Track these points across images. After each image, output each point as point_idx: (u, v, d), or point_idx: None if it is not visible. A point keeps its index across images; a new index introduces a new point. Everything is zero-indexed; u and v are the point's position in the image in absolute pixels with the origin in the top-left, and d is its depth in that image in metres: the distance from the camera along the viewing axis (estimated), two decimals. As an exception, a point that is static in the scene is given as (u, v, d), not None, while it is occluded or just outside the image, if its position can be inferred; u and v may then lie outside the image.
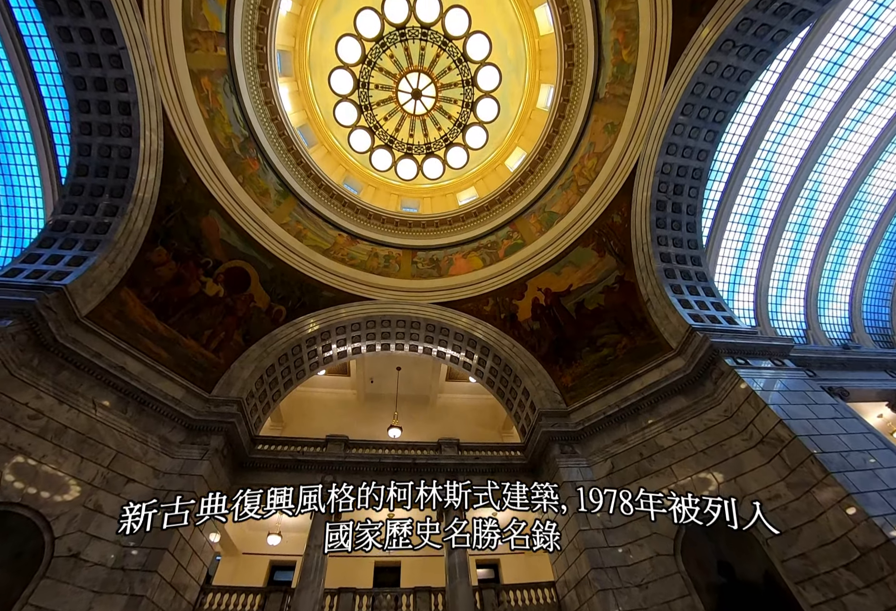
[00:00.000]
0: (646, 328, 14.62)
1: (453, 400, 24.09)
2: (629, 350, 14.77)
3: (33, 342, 10.14)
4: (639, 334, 14.79)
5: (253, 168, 16.34)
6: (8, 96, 14.83)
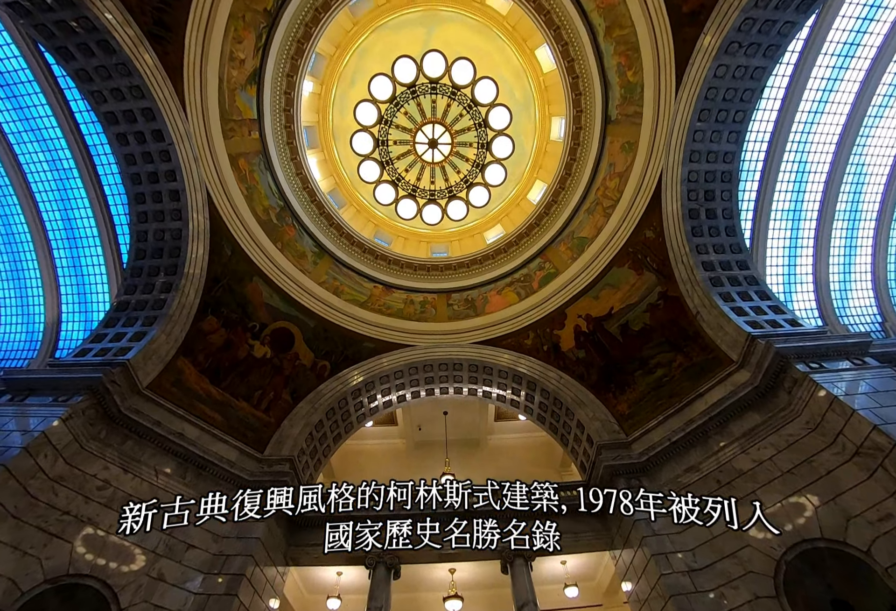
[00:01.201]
0: (700, 342, 13.74)
1: (505, 440, 23.18)
2: (686, 368, 13.84)
3: (101, 415, 10.83)
4: (693, 350, 13.90)
5: (290, 234, 17.48)
6: (77, 199, 17.15)
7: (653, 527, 11.21)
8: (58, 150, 16.78)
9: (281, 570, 12.75)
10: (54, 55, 12.22)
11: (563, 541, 12.88)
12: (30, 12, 11.13)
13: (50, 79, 15.76)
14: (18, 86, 15.86)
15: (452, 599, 13.12)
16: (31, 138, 16.84)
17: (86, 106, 16.01)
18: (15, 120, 16.69)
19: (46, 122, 16.30)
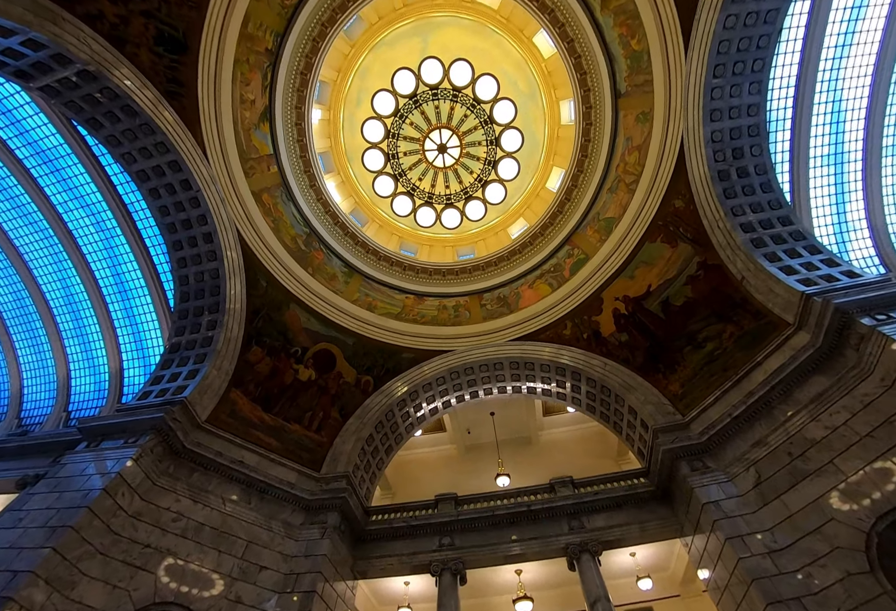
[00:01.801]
0: (750, 309, 12.91)
1: (556, 435, 22.63)
2: (738, 338, 13.01)
3: (167, 452, 11.61)
4: (743, 318, 13.06)
5: (319, 258, 18.08)
6: (122, 254, 18.69)
7: (723, 509, 10.57)
8: (100, 212, 18.41)
9: (350, 584, 13.07)
10: (85, 126, 13.30)
11: (629, 531, 12.53)
12: (59, 92, 12.23)
13: (85, 148, 17.30)
14: (59, 159, 17.57)
15: (522, 600, 12.95)
16: (76, 205, 18.59)
17: (119, 168, 17.50)
18: (61, 191, 18.49)
19: (88, 188, 17.94)
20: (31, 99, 16.48)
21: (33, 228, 19.99)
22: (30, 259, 21.70)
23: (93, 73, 11.64)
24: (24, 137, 17.50)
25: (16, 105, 16.77)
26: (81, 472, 10.40)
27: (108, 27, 11.57)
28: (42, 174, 18.32)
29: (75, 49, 10.88)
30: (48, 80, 11.73)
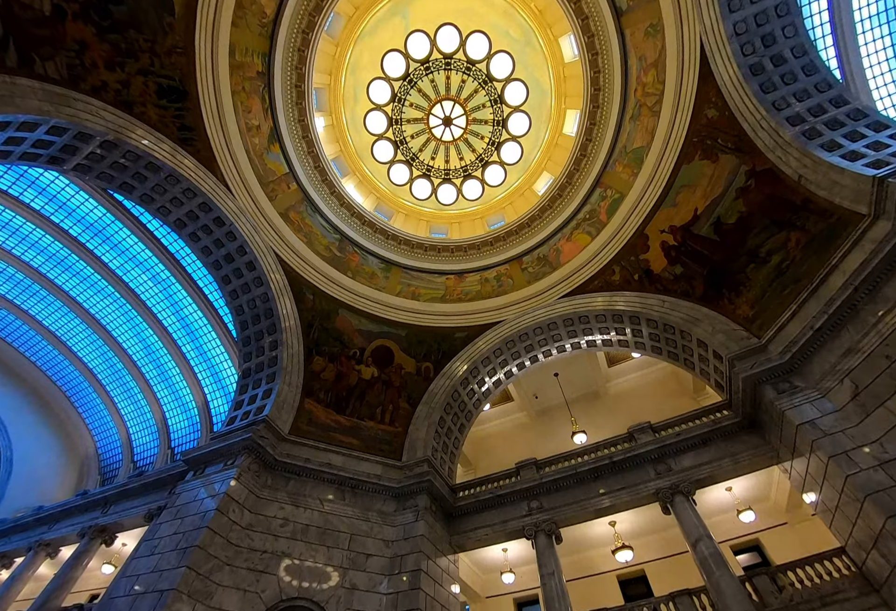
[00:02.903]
0: (814, 210, 11.54)
1: (625, 384, 21.70)
2: (806, 244, 11.68)
3: (262, 466, 12.76)
4: (808, 221, 11.70)
5: (355, 260, 18.57)
6: (181, 300, 20.55)
7: (821, 427, 9.72)
8: (153, 266, 20.34)
9: (451, 558, 13.70)
10: (120, 192, 14.47)
11: (720, 466, 11.96)
12: (90, 167, 13.37)
13: (125, 212, 19.01)
14: (107, 229, 19.49)
15: (621, 550, 12.87)
16: (131, 265, 20.70)
17: (158, 222, 19.04)
18: (115, 256, 20.57)
19: (137, 248, 19.82)
20: (69, 181, 18.33)
21: (102, 294, 22.56)
22: (106, 323, 24.53)
23: (113, 142, 12.58)
24: (73, 216, 19.63)
25: (58, 189, 18.78)
26: (195, 498, 11.72)
27: (114, 95, 12.39)
28: (96, 245, 20.43)
29: (92, 123, 11.81)
30: (78, 160, 12.86)
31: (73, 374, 27.55)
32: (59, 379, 28.41)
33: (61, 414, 29.20)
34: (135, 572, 10.35)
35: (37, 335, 25.85)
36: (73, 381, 28.13)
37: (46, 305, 24.05)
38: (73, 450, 29.34)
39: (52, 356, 27.12)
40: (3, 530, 20.07)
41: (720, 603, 9.81)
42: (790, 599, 9.69)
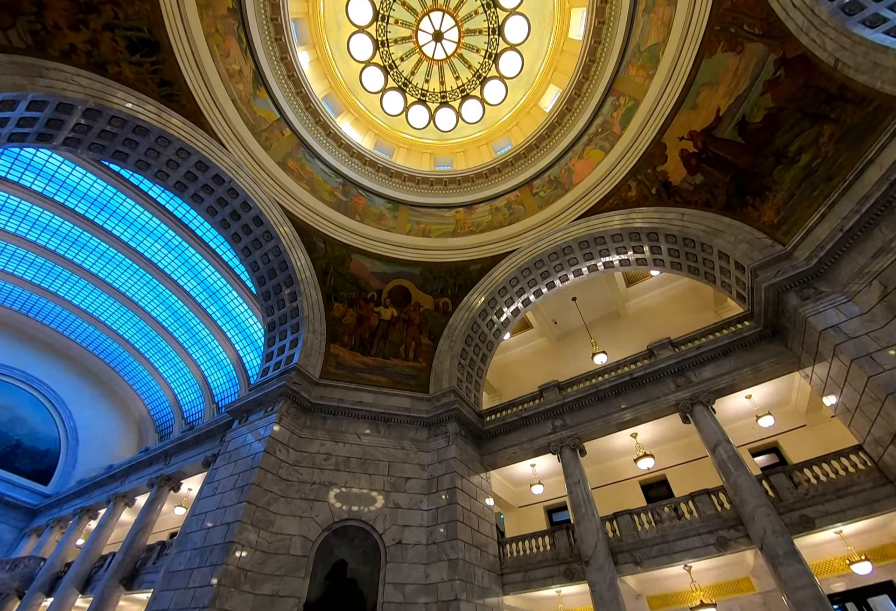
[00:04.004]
0: (850, 98, 10.42)
1: (644, 302, 21.28)
2: (839, 138, 10.66)
3: (300, 410, 13.67)
4: (844, 111, 10.59)
5: (361, 203, 18.26)
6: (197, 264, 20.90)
7: (844, 331, 9.55)
8: (163, 234, 20.45)
9: (484, 476, 14.73)
10: (114, 161, 14.35)
11: (740, 375, 12.08)
12: (79, 140, 13.23)
13: (124, 182, 18.91)
14: (111, 201, 19.43)
15: (643, 458, 13.44)
16: (143, 235, 20.87)
17: (159, 188, 18.97)
18: (125, 228, 20.71)
19: (144, 217, 19.85)
20: (63, 158, 18.17)
21: (121, 267, 23.15)
22: (131, 295, 25.60)
23: (95, 109, 12.33)
24: (76, 194, 19.66)
25: (54, 168, 18.68)
26: (243, 443, 12.82)
27: (85, 57, 11.96)
28: (104, 220, 20.58)
29: (70, 92, 11.55)
30: (65, 133, 12.72)
31: (113, 346, 30.02)
32: (102, 354, 31.05)
33: (112, 385, 32.44)
34: (202, 511, 11.69)
35: (71, 315, 27.67)
36: (116, 354, 30.70)
37: (72, 285, 25.25)
38: (128, 414, 32.90)
39: (90, 334, 29.36)
40: (83, 488, 22.98)
41: (737, 499, 10.36)
42: (805, 493, 10.14)
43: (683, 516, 11.34)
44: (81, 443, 29.16)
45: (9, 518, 25.54)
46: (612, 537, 11.90)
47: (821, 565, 11.78)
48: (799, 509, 9.99)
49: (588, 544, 11.52)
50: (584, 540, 11.63)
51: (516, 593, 12.64)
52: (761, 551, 9.59)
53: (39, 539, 23.92)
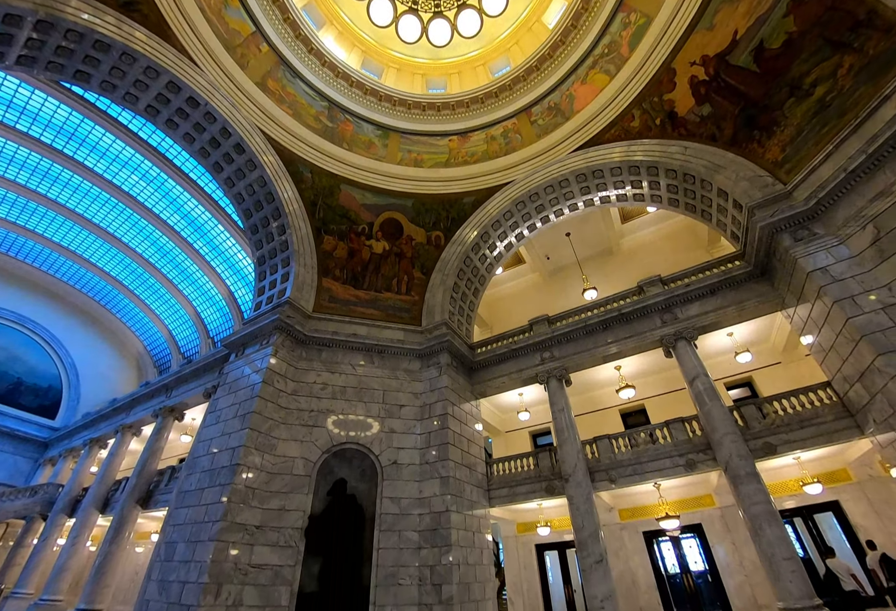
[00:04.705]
0: (879, 25, 9.79)
1: (638, 239, 21.16)
2: (859, 70, 10.10)
3: (295, 343, 13.96)
4: (869, 39, 9.96)
5: (349, 130, 17.27)
6: (179, 196, 19.81)
7: (832, 273, 9.77)
8: (139, 164, 19.03)
9: (474, 403, 15.53)
10: (76, 83, 13.16)
11: (725, 314, 12.49)
12: (34, 58, 12.09)
13: (91, 107, 17.34)
14: (78, 130, 17.80)
15: (625, 389, 14.24)
16: (117, 167, 19.41)
17: (130, 114, 17.47)
18: (98, 159, 19.23)
19: (116, 147, 18.36)
20: (20, 81, 16.39)
21: (99, 202, 21.82)
22: (113, 230, 24.68)
23: (47, 21, 11.20)
24: (39, 121, 17.86)
25: (11, 92, 16.77)
26: (242, 374, 13.22)
27: None
28: (74, 150, 18.91)
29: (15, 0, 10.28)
30: (18, 50, 11.63)
31: (101, 284, 29.81)
32: (91, 292, 30.90)
33: (105, 323, 32.79)
34: (208, 438, 12.34)
35: (53, 253, 27.09)
36: (105, 292, 30.57)
37: (49, 221, 24.22)
38: (125, 351, 33.65)
39: (76, 272, 28.98)
40: (90, 421, 24.01)
41: (709, 427, 11.19)
42: (772, 423, 10.96)
43: (658, 440, 12.32)
44: (82, 379, 30.09)
45: (23, 450, 27.28)
46: (590, 459, 12.96)
47: (776, 486, 13.09)
48: (764, 437, 10.87)
49: (569, 464, 12.56)
50: (566, 461, 12.66)
51: (501, 506, 13.97)
52: (725, 472, 10.56)
53: (54, 468, 25.50)
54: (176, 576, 9.82)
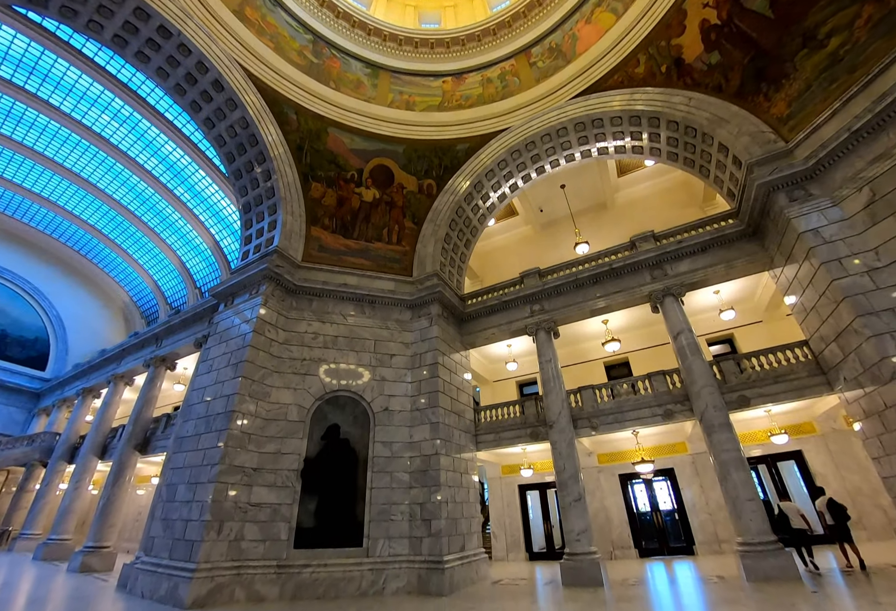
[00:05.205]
0: None
1: (634, 194, 20.82)
2: (878, 22, 9.66)
3: (285, 292, 13.86)
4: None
5: (336, 67, 16.23)
6: (156, 138, 18.32)
7: (822, 235, 9.87)
8: (110, 102, 17.47)
9: (463, 353, 15.86)
10: (32, 8, 12.04)
11: (714, 271, 12.66)
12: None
13: (51, 37, 15.69)
14: (39, 64, 16.15)
15: (610, 342, 14.60)
16: (85, 105, 17.76)
17: (96, 44, 15.94)
18: (64, 97, 17.54)
19: (83, 83, 16.78)
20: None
21: (69, 144, 20.12)
22: (87, 175, 23.17)
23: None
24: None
25: None
26: (232, 324, 13.21)
27: None
28: (37, 86, 17.21)
29: None
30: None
31: (80, 233, 28.72)
32: (70, 241, 29.87)
33: (87, 273, 32.01)
34: (201, 386, 12.52)
35: (25, 200, 25.73)
36: (84, 241, 29.53)
37: (17, 166, 22.74)
38: (110, 302, 33.18)
39: (52, 220, 27.76)
40: (82, 372, 24.13)
41: (688, 379, 11.69)
42: (748, 378, 11.47)
43: (639, 391, 12.88)
44: (69, 330, 29.93)
45: (15, 401, 27.80)
46: (574, 407, 13.54)
47: (746, 436, 13.96)
48: (740, 390, 11.41)
49: (553, 411, 13.14)
50: (550, 409, 13.23)
51: (488, 450, 14.70)
52: (700, 421, 11.18)
53: (49, 418, 25.98)
54: (179, 515, 10.34)
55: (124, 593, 10.22)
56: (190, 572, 9.14)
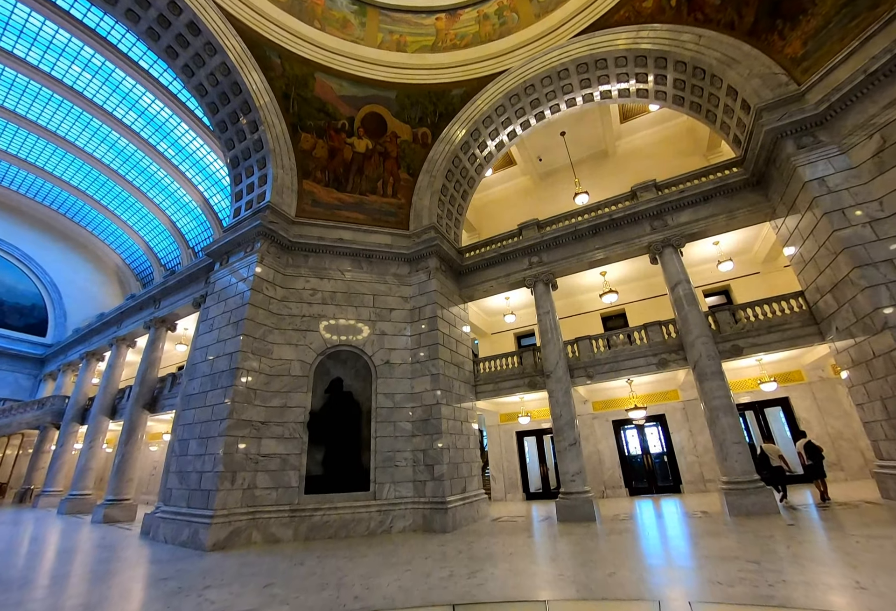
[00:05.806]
0: None
1: (636, 141, 20.01)
2: None
3: (280, 249, 13.71)
4: None
5: (320, 3, 15.10)
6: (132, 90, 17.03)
7: (828, 184, 9.70)
8: (79, 53, 16.22)
9: (462, 306, 15.96)
10: None
11: (714, 222, 12.53)
12: None
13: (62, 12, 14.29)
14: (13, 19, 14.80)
15: (608, 294, 14.64)
16: (53, 56, 16.38)
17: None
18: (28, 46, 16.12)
19: (46, 31, 15.51)
20: None
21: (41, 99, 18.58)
22: (63, 133, 21.77)
23: None
24: None
25: None
26: (229, 283, 13.17)
27: None
28: None
29: None
30: None
31: (64, 196, 27.71)
32: (54, 204, 28.93)
33: (76, 237, 31.31)
34: (203, 345, 12.70)
35: (2, 163, 24.33)
36: (69, 203, 28.59)
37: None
38: (102, 265, 32.71)
39: (33, 183, 26.61)
40: (82, 336, 24.29)
41: (683, 329, 11.90)
42: (742, 328, 11.67)
43: (635, 341, 13.13)
44: (65, 296, 29.82)
45: (20, 368, 28.32)
46: (571, 357, 13.86)
47: (736, 383, 14.40)
48: (733, 340, 11.65)
49: (551, 362, 13.45)
50: (548, 359, 13.54)
51: (487, 399, 15.20)
52: (693, 370, 11.49)
53: (56, 382, 26.52)
54: (193, 467, 10.86)
55: (148, 540, 10.94)
56: (208, 519, 9.75)
